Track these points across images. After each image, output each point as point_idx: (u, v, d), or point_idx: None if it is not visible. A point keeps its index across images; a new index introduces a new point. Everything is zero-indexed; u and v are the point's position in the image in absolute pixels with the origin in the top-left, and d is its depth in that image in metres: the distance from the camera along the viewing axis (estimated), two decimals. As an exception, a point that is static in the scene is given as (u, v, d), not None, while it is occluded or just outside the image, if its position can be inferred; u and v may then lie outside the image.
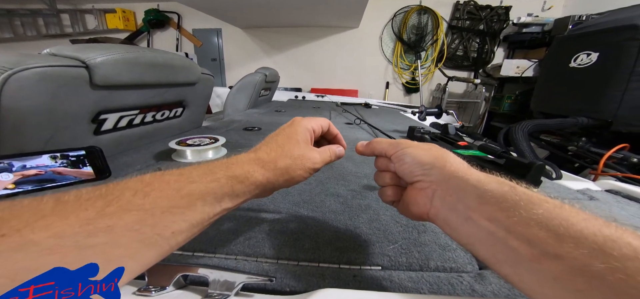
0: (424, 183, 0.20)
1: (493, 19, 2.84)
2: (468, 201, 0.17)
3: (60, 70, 0.42)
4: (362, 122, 1.04)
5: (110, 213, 0.13)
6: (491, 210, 0.15)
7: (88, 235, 0.12)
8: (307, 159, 0.23)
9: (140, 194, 0.14)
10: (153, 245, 0.15)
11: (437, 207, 0.19)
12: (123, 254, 0.13)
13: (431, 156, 0.20)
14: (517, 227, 0.14)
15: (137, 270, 0.14)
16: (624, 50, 1.05)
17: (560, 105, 1.31)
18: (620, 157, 0.80)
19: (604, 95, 1.09)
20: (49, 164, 0.39)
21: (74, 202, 0.13)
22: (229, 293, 0.19)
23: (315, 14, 2.66)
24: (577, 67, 1.23)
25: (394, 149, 0.23)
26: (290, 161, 0.22)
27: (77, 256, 0.12)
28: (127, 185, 0.15)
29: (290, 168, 0.21)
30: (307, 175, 0.23)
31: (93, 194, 0.14)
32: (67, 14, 3.38)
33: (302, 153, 0.22)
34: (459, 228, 0.17)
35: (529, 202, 0.14)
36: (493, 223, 0.15)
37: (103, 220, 0.13)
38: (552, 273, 0.12)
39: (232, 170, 0.19)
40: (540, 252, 0.13)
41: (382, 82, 3.42)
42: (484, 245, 0.16)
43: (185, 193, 0.16)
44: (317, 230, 0.31)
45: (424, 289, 0.23)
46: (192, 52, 3.54)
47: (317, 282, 0.23)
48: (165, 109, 0.71)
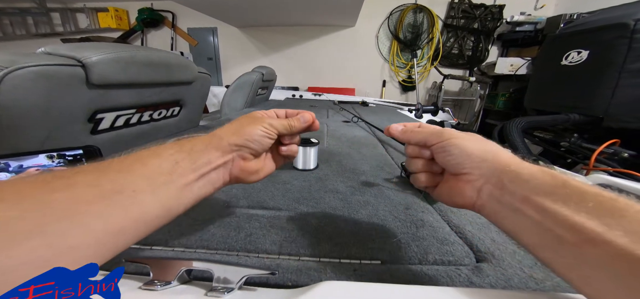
0: (472, 175, 0.20)
1: (487, 18, 2.87)
2: (518, 194, 0.17)
3: (56, 69, 0.41)
4: (360, 120, 1.05)
5: (67, 175, 0.14)
6: (541, 202, 0.16)
7: (51, 191, 0.13)
8: (259, 118, 0.24)
9: (95, 163, 0.16)
10: (116, 204, 0.15)
11: (484, 200, 0.19)
12: (87, 212, 0.13)
13: (481, 150, 0.20)
14: (566, 217, 0.14)
15: (104, 230, 0.14)
16: (614, 48, 1.07)
17: (553, 102, 1.34)
18: (611, 152, 0.82)
19: (595, 92, 1.11)
20: (46, 164, 0.38)
21: (32, 174, 0.14)
22: (233, 286, 0.19)
23: (311, 12, 2.65)
24: (569, 65, 1.25)
25: (437, 139, 0.22)
26: (241, 121, 0.23)
27: (40, 210, 0.12)
28: (82, 164, 0.16)
29: (241, 125, 0.23)
30: (261, 127, 0.23)
31: (49, 169, 0.15)
32: (57, 12, 3.31)
33: (254, 115, 0.24)
34: (506, 218, 0.18)
35: (581, 197, 0.15)
36: (541, 214, 0.16)
37: (62, 180, 0.14)
38: (594, 257, 0.13)
39: (180, 138, 0.21)
40: (585, 238, 0.13)
41: (379, 80, 3.44)
42: (528, 233, 0.17)
43: (136, 156, 0.18)
44: (317, 225, 0.32)
45: (423, 282, 0.24)
46: (187, 51, 3.50)
47: (319, 276, 0.23)
48: (162, 108, 0.70)
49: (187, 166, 0.19)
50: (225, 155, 0.22)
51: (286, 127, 0.25)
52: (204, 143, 0.21)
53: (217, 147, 0.21)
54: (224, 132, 0.22)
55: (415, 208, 0.37)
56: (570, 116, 1.11)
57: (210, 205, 0.35)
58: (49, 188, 0.13)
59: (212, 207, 0.35)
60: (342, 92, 3.00)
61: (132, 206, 0.15)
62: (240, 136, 0.22)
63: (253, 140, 0.23)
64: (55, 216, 0.13)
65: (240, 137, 0.22)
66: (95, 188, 0.14)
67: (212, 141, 0.21)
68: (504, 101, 2.43)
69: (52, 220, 0.12)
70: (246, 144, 0.22)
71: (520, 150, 0.74)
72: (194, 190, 0.20)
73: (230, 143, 0.22)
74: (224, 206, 0.36)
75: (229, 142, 0.22)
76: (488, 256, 0.27)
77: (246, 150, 0.23)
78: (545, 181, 0.16)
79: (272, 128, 0.24)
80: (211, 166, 0.21)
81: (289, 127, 0.26)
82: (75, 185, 0.14)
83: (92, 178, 0.15)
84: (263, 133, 0.23)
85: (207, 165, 0.20)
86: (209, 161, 0.21)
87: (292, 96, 2.20)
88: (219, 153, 0.21)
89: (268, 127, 0.24)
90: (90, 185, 0.14)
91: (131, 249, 0.26)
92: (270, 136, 0.24)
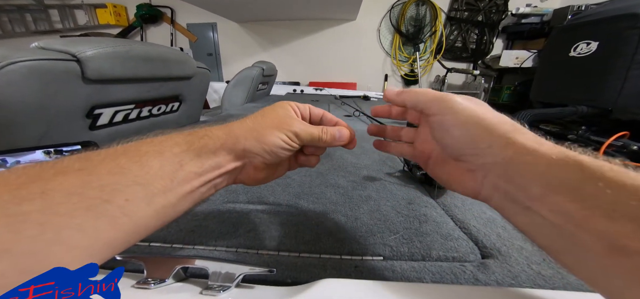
0: (473, 164, 0.16)
1: (492, 10, 2.81)
2: (530, 190, 0.14)
3: (50, 63, 0.41)
4: (361, 114, 1.04)
5: (45, 177, 0.11)
6: (560, 202, 0.13)
7: (20, 201, 0.10)
8: (285, 122, 0.19)
9: (82, 159, 0.13)
10: (103, 215, 0.12)
11: (489, 192, 0.16)
12: (64, 225, 0.11)
13: (488, 132, 0.16)
14: (595, 221, 0.12)
15: (92, 248, 0.12)
16: (624, 39, 1.04)
17: (560, 94, 1.31)
18: (620, 145, 0.80)
19: (604, 84, 1.09)
20: (43, 159, 0.38)
21: (4, 173, 0.11)
22: (230, 284, 0.18)
23: (311, 6, 2.61)
24: (577, 56, 1.22)
25: (436, 105, 0.18)
26: (263, 121, 0.19)
27: (6, 226, 0.10)
28: (70, 155, 0.13)
29: (262, 127, 0.19)
30: (283, 136, 0.19)
31: (29, 165, 0.12)
32: (55, 9, 3.30)
33: (279, 116, 0.20)
34: (516, 215, 0.15)
35: (618, 192, 0.11)
36: (560, 216, 0.13)
37: (36, 184, 0.11)
38: (629, 270, 0.11)
39: (190, 130, 0.17)
40: (615, 247, 0.11)
41: (381, 74, 3.40)
42: (544, 236, 0.14)
43: (133, 153, 0.14)
44: (318, 221, 0.31)
45: (426, 278, 0.23)
46: (187, 47, 3.48)
47: (319, 273, 0.23)
48: (162, 104, 0.69)
49: (192, 169, 0.16)
50: (236, 160, 0.19)
51: (314, 140, 0.21)
52: (217, 143, 0.18)
53: (230, 149, 0.18)
54: (242, 130, 0.19)
55: (418, 202, 0.36)
56: (578, 108, 1.09)
57: (209, 200, 0.35)
58: (18, 196, 0.11)
59: (210, 202, 0.34)
60: (343, 86, 2.97)
61: (121, 218, 0.13)
62: (257, 142, 0.18)
63: (270, 151, 0.19)
64: (25, 234, 0.10)
65: (257, 144, 0.19)
66: (76, 196, 0.12)
67: (227, 141, 0.18)
68: (508, 94, 2.40)
69: (21, 238, 0.10)
70: (261, 154, 0.19)
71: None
72: (195, 196, 0.17)
73: (245, 149, 0.18)
74: (222, 201, 0.35)
75: (244, 147, 0.18)
76: (494, 252, 0.26)
77: (260, 159, 0.19)
78: (568, 174, 0.13)
79: (296, 139, 0.20)
80: (219, 172, 0.18)
81: (317, 141, 0.21)
82: (51, 191, 0.11)
83: (75, 183, 0.12)
84: (284, 145, 0.19)
85: (215, 170, 0.17)
86: (218, 165, 0.18)
87: (293, 91, 2.18)
88: (230, 157, 0.18)
89: (292, 138, 0.20)
90: (70, 192, 0.12)
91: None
92: (291, 149, 0.20)
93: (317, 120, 0.23)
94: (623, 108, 1.03)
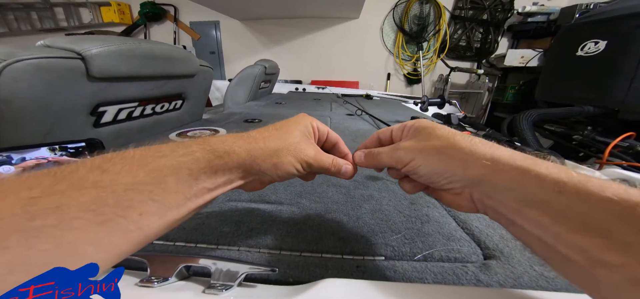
0: (455, 189, 0.17)
1: (497, 9, 2.78)
2: (508, 205, 0.14)
3: (56, 61, 0.41)
4: (364, 113, 1.03)
5: (59, 191, 0.11)
6: (535, 215, 0.13)
7: (32, 216, 0.10)
8: (301, 149, 0.20)
9: (97, 170, 0.12)
10: (117, 229, 0.12)
11: (482, 208, 0.17)
12: (79, 239, 0.11)
13: (444, 164, 0.17)
14: (567, 234, 0.12)
15: (104, 259, 0.12)
16: (633, 38, 1.02)
17: (566, 94, 1.29)
18: (626, 146, 0.79)
19: (612, 83, 1.07)
20: (48, 156, 0.38)
21: (14, 181, 0.11)
22: (232, 283, 0.18)
23: (314, 4, 2.60)
24: (584, 56, 1.20)
25: (399, 163, 0.20)
26: (282, 144, 0.19)
27: (19, 241, 0.10)
28: (84, 162, 0.13)
29: (280, 151, 0.19)
30: (297, 165, 0.20)
31: (41, 172, 0.12)
32: (60, 7, 3.33)
33: (297, 141, 0.20)
34: (507, 226, 0.16)
35: (584, 203, 0.11)
36: (539, 228, 0.13)
37: (50, 199, 0.11)
38: (608, 282, 0.11)
39: (211, 144, 0.17)
40: (594, 261, 0.11)
41: (384, 73, 3.38)
42: (533, 246, 0.14)
43: (152, 167, 0.14)
44: (320, 220, 0.31)
45: (428, 279, 0.23)
46: (190, 45, 3.50)
47: (320, 272, 0.23)
48: (165, 101, 0.70)
49: (206, 186, 0.16)
50: (247, 176, 0.19)
51: (323, 170, 0.22)
52: (236, 162, 0.18)
53: (246, 169, 0.18)
54: (263, 152, 0.19)
55: (420, 203, 0.36)
56: (584, 108, 1.07)
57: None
58: (30, 211, 0.10)
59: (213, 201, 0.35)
60: (345, 85, 2.97)
61: (135, 232, 0.13)
62: (274, 167, 0.19)
63: (282, 176, 0.20)
64: (39, 247, 0.10)
65: (273, 169, 0.19)
66: (91, 212, 0.12)
67: (245, 161, 0.18)
68: (513, 94, 2.37)
69: (36, 252, 0.10)
70: (273, 176, 0.20)
71: (531, 144, 0.72)
72: (201, 206, 0.17)
73: (260, 170, 0.19)
74: (225, 200, 0.35)
75: (260, 169, 0.19)
76: (496, 253, 0.26)
77: (269, 178, 0.20)
78: (530, 189, 0.13)
79: (307, 167, 0.21)
80: (229, 187, 0.18)
81: (326, 171, 0.22)
82: (66, 207, 0.11)
83: (90, 198, 0.12)
84: (296, 172, 0.20)
85: (226, 184, 0.18)
86: (229, 181, 0.18)
87: (295, 89, 2.18)
88: (243, 174, 0.19)
89: (304, 166, 0.21)
90: (86, 209, 0.11)
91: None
92: (299, 174, 0.21)
93: (330, 146, 0.25)
94: (630, 108, 1.01)
